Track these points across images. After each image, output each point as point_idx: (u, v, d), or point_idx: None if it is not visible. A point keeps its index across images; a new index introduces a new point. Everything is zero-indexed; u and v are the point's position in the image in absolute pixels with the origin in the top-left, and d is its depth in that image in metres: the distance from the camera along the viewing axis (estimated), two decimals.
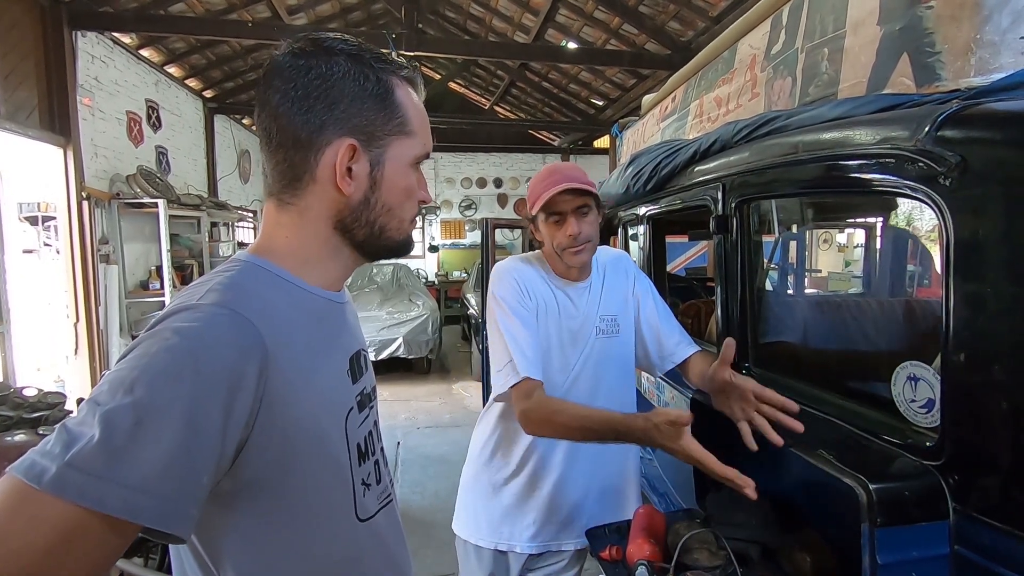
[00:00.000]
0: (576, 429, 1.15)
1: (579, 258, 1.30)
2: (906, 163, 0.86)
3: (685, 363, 1.38)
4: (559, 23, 6.84)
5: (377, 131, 0.67)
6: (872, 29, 1.15)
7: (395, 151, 0.68)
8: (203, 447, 0.51)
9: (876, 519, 0.80)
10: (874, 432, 0.98)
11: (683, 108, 2.24)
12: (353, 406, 0.70)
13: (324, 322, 0.69)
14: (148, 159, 5.89)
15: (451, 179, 11.71)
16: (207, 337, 0.53)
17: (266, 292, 0.62)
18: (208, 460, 0.52)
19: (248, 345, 0.55)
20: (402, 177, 0.69)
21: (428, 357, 6.63)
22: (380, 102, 0.66)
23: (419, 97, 0.73)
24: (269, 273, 0.65)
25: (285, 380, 0.58)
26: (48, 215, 4.90)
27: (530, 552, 1.40)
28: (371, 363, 0.81)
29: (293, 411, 0.59)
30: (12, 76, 4.14)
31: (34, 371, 4.51)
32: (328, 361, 0.68)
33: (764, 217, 1.60)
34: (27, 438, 1.81)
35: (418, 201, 0.73)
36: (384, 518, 0.75)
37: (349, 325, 0.76)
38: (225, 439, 0.53)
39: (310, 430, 0.61)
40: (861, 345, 1.58)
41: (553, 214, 1.28)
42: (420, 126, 0.71)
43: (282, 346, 0.58)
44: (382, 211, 0.68)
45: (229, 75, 7.47)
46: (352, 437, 0.68)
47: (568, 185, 1.24)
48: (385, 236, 0.70)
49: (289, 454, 0.59)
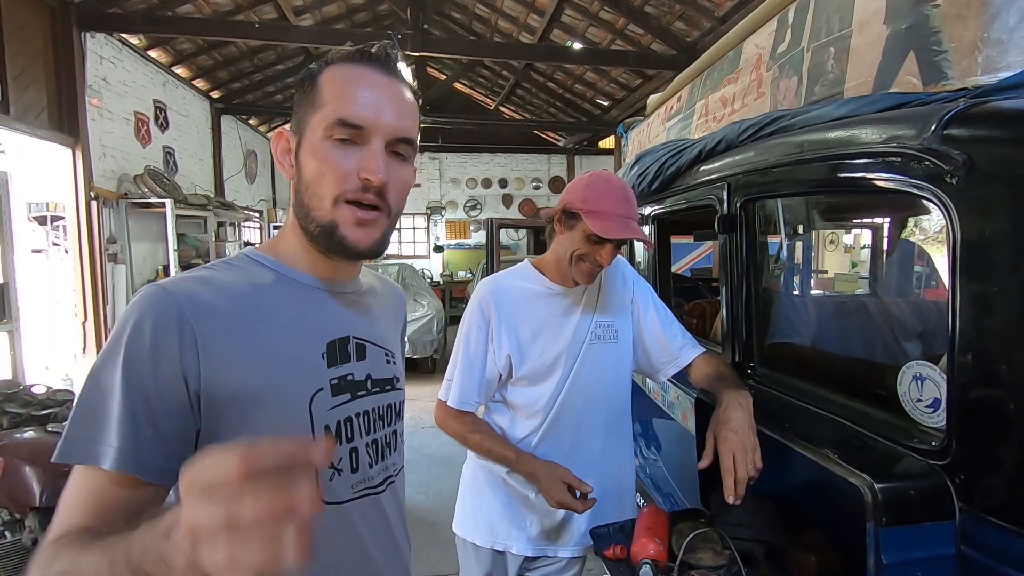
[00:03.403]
0: (482, 455, 1.40)
1: (587, 278, 1.30)
2: (912, 162, 0.85)
3: (689, 364, 1.38)
4: (564, 23, 6.84)
5: (300, 114, 0.69)
6: (878, 28, 1.15)
7: (310, 128, 0.68)
8: (141, 403, 0.59)
9: (881, 518, 0.80)
10: (879, 432, 0.97)
11: (688, 108, 2.24)
12: (324, 387, 0.70)
13: (300, 305, 0.71)
14: (156, 159, 5.93)
15: (456, 179, 11.72)
16: (136, 311, 0.62)
17: (231, 276, 0.69)
18: (153, 414, 0.59)
19: (166, 318, 0.61)
20: (314, 151, 0.67)
21: (432, 357, 6.64)
22: (304, 89, 0.69)
23: (375, 67, 0.69)
24: (255, 261, 0.72)
25: (219, 347, 0.63)
26: (57, 215, 4.95)
27: (526, 554, 1.40)
28: (389, 357, 0.81)
29: (234, 376, 0.64)
30: (22, 77, 4.18)
31: (42, 369, 4.56)
32: (291, 339, 0.69)
33: (770, 217, 1.60)
34: (36, 435, 1.82)
35: (339, 175, 0.66)
36: (361, 508, 0.74)
37: (340, 312, 0.75)
38: (163, 395, 0.60)
39: (252, 396, 0.65)
40: (867, 345, 1.58)
41: (598, 238, 1.23)
42: (334, 94, 0.66)
43: (214, 320, 0.63)
44: (305, 191, 0.68)
45: (236, 76, 7.51)
46: (319, 417, 0.69)
47: (631, 236, 1.21)
48: (310, 218, 0.69)
49: (239, 414, 0.64)
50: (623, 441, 1.45)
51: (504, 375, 1.36)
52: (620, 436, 1.44)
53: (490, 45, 7.78)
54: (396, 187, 0.69)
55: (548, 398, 1.35)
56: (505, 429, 1.40)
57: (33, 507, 1.67)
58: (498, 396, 1.41)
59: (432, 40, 6.58)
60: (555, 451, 1.34)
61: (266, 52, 7.35)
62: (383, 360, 0.80)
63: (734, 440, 1.05)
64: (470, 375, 1.36)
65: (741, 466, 1.03)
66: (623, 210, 1.21)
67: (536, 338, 1.34)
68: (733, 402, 1.11)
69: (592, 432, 1.38)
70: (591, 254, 1.25)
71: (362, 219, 0.67)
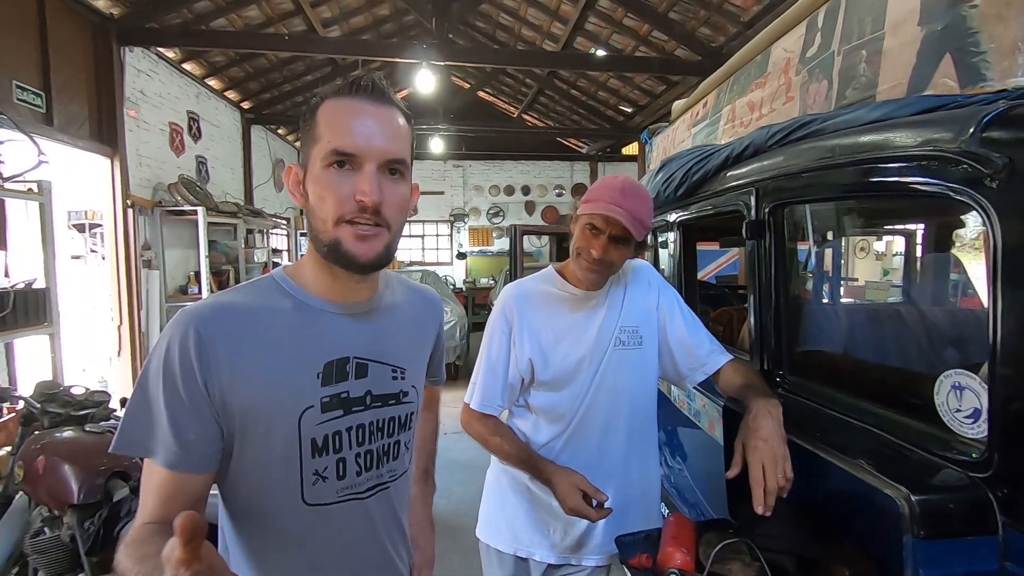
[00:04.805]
0: (502, 458, 1.39)
1: (588, 274, 1.28)
2: (950, 165, 0.83)
3: (717, 372, 1.36)
4: (588, 31, 6.86)
5: (304, 148, 0.78)
6: (913, 29, 1.12)
7: (311, 160, 0.75)
8: (181, 413, 0.71)
9: (920, 532, 0.77)
10: (915, 442, 0.95)
11: (715, 113, 2.22)
12: (314, 405, 0.78)
13: (306, 328, 0.79)
14: (188, 168, 6.11)
15: (479, 187, 11.80)
16: (168, 336, 0.73)
17: (250, 298, 0.78)
18: (191, 421, 0.71)
19: (187, 343, 0.71)
20: (316, 180, 0.75)
21: (455, 363, 6.67)
22: (305, 124, 0.78)
23: (364, 98, 0.75)
24: (276, 283, 0.81)
25: (229, 366, 0.73)
26: (95, 222, 5.12)
27: (550, 562, 1.39)
28: (396, 373, 0.87)
29: (239, 391, 0.73)
30: (65, 90, 4.36)
31: (79, 371, 4.70)
32: (289, 360, 0.77)
33: (799, 223, 1.57)
34: (75, 434, 1.88)
35: (337, 200, 0.73)
36: (343, 511, 0.82)
37: (345, 333, 0.82)
38: (195, 405, 0.71)
39: (252, 411, 0.74)
40: (901, 353, 1.53)
41: (592, 226, 1.24)
42: (328, 127, 0.74)
43: (227, 343, 0.73)
44: (312, 215, 0.77)
45: (265, 87, 7.71)
46: (306, 432, 0.77)
47: (614, 216, 1.19)
48: (317, 238, 0.77)
49: (242, 426, 0.74)
50: (649, 449, 1.43)
51: (527, 379, 1.36)
52: (646, 444, 1.42)
53: (514, 53, 7.83)
54: (392, 204, 0.76)
55: (571, 403, 1.34)
56: (528, 434, 1.40)
57: (71, 504, 1.72)
58: (521, 401, 1.41)
59: (456, 49, 6.66)
60: (579, 457, 1.33)
61: (295, 63, 7.53)
62: (388, 376, 0.86)
63: (764, 449, 1.03)
64: (492, 378, 1.36)
65: (771, 476, 1.00)
66: (614, 199, 1.20)
67: (559, 342, 1.34)
68: (763, 411, 1.09)
69: (617, 439, 1.37)
70: (586, 247, 1.25)
71: (362, 235, 0.74)
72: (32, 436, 1.93)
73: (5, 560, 1.90)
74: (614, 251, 1.25)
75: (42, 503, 1.81)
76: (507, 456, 1.36)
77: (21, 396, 2.12)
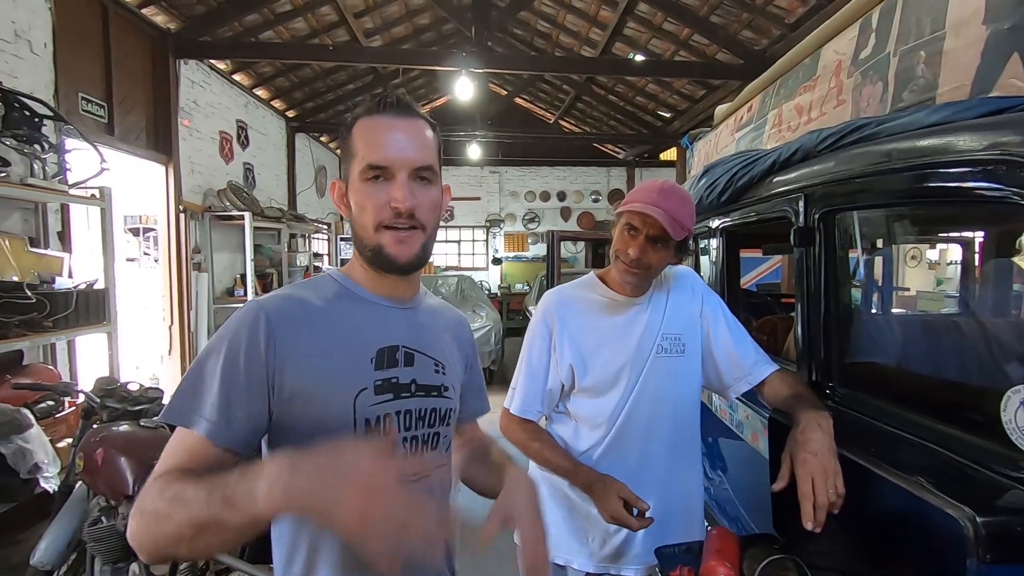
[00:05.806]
0: (541, 463, 1.37)
1: (626, 276, 1.27)
2: (1018, 170, 0.79)
3: (762, 382, 1.33)
4: (627, 36, 6.82)
5: (344, 165, 0.87)
6: (976, 29, 1.08)
7: (351, 174, 0.84)
8: (235, 391, 0.75)
9: (985, 555, 0.73)
10: (978, 460, 0.90)
11: (760, 118, 2.17)
12: (368, 387, 0.83)
13: (360, 317, 0.86)
14: (236, 175, 6.35)
15: (515, 192, 11.84)
16: (237, 320, 0.79)
17: (311, 292, 0.86)
18: (242, 399, 0.75)
19: (257, 325, 0.78)
20: (356, 192, 0.83)
21: (490, 368, 6.69)
22: (344, 142, 0.86)
23: (391, 114, 0.83)
24: (332, 279, 0.90)
25: (291, 351, 0.78)
26: (149, 227, 5.37)
27: (588, 570, 1.38)
28: (438, 368, 0.92)
29: (298, 374, 0.78)
30: (125, 101, 4.60)
31: (133, 369, 4.93)
32: (346, 346, 0.83)
33: (849, 230, 1.52)
34: (130, 428, 1.97)
35: (375, 208, 0.81)
36: None
37: (394, 324, 0.89)
38: (251, 386, 0.76)
39: (309, 391, 0.79)
40: (960, 366, 1.46)
41: (631, 226, 1.24)
42: (363, 144, 0.82)
43: (291, 330, 0.79)
44: (355, 224, 0.85)
45: (309, 96, 7.95)
46: (360, 412, 0.82)
47: (651, 214, 1.18)
48: (361, 243, 0.85)
49: (297, 404, 0.79)
50: (691, 459, 1.41)
51: (567, 385, 1.35)
52: (688, 454, 1.40)
53: (552, 60, 7.86)
54: (425, 207, 0.83)
55: (612, 410, 1.33)
56: (568, 441, 1.39)
57: (127, 495, 1.79)
58: (561, 407, 1.41)
59: (495, 57, 6.72)
60: (620, 465, 1.31)
61: (338, 72, 7.74)
62: (431, 369, 0.92)
63: (814, 463, 1.00)
64: (532, 384, 1.37)
65: (821, 491, 0.97)
66: (651, 199, 1.20)
67: (600, 348, 1.33)
68: (812, 423, 1.05)
69: (658, 448, 1.35)
70: (624, 248, 1.24)
71: (401, 238, 0.83)
72: (92, 429, 2.03)
73: (65, 546, 2.00)
74: (652, 252, 1.24)
75: (100, 493, 1.90)
76: (546, 462, 1.36)
77: (82, 391, 2.23)
